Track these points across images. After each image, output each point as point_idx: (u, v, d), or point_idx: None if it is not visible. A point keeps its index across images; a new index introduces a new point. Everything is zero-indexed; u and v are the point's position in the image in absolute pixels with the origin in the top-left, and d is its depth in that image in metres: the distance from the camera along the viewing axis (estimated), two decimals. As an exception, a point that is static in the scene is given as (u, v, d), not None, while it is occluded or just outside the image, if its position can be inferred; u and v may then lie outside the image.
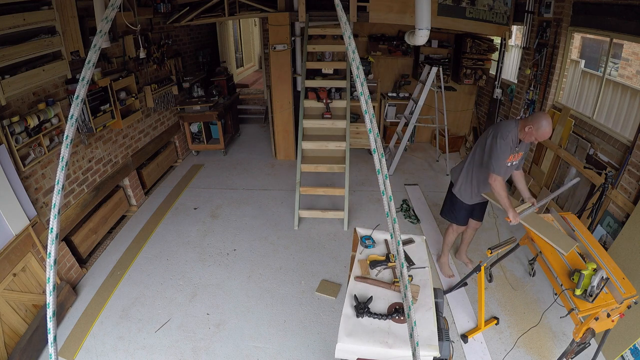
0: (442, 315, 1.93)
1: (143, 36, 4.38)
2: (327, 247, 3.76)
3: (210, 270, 3.45)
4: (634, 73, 5.13)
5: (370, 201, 4.55)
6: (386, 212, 1.06)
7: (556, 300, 2.21)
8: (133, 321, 2.92)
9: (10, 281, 2.59)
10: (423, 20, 3.73)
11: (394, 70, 5.91)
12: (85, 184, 3.57)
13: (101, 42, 1.08)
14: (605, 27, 3.30)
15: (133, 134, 4.44)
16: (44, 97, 2.99)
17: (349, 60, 1.15)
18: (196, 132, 5.82)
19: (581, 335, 2.03)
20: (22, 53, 2.60)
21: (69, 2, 3.04)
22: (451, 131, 6.13)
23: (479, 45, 5.20)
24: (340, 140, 4.21)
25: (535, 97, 4.29)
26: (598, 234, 3.11)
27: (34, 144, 2.84)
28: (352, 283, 1.99)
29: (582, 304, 1.96)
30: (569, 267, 2.17)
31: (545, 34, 4.05)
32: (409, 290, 1.02)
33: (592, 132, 3.49)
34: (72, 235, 3.39)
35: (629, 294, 1.98)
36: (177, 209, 4.44)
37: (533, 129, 2.42)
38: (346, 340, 1.68)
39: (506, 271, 3.43)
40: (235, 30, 9.46)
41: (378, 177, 1.07)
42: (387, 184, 1.05)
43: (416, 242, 2.30)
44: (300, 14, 4.68)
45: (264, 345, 2.73)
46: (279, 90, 5.20)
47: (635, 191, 2.84)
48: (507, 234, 3.96)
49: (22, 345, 2.52)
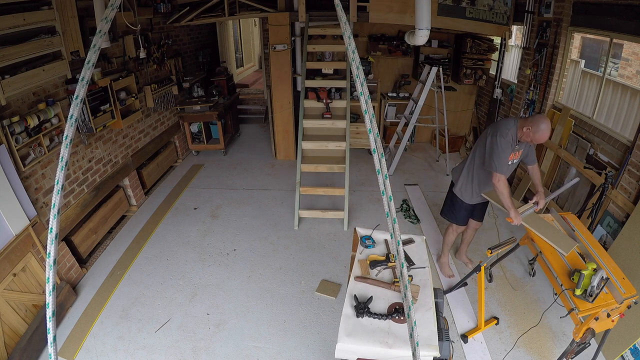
0: (442, 315, 1.93)
1: (143, 36, 4.38)
2: (327, 247, 3.76)
3: (210, 270, 3.45)
4: (634, 73, 5.13)
5: (370, 201, 4.55)
6: (386, 212, 1.06)
7: (556, 300, 2.21)
8: (133, 321, 2.92)
9: (10, 281, 2.59)
10: (423, 20, 3.73)
11: (394, 70, 5.91)
12: (85, 184, 3.57)
13: (101, 42, 1.08)
14: (605, 27, 3.30)
15: (133, 134, 4.44)
16: (44, 97, 2.99)
17: (349, 60, 1.14)
18: (196, 132, 5.82)
19: (581, 335, 2.03)
20: (22, 53, 2.60)
21: (69, 2, 3.04)
22: (451, 131, 6.13)
23: (479, 45, 5.19)
24: (340, 140, 4.21)
25: (535, 97, 4.29)
26: (598, 234, 3.11)
27: (34, 144, 2.84)
28: (352, 283, 1.99)
29: (582, 304, 1.96)
30: (569, 267, 2.17)
31: (545, 34, 4.05)
32: (409, 290, 1.02)
33: (592, 132, 3.49)
34: (72, 235, 3.39)
35: (629, 294, 1.98)
36: (177, 209, 4.44)
37: (531, 131, 2.42)
38: (346, 340, 1.68)
39: (506, 271, 3.43)
40: (235, 30, 9.46)
41: (378, 177, 1.07)
42: (387, 184, 1.05)
43: (416, 242, 2.29)
44: (300, 14, 4.68)
45: (264, 345, 2.73)
46: (279, 90, 5.20)
47: (635, 191, 2.84)
48: (507, 233, 3.96)
49: (22, 345, 2.52)
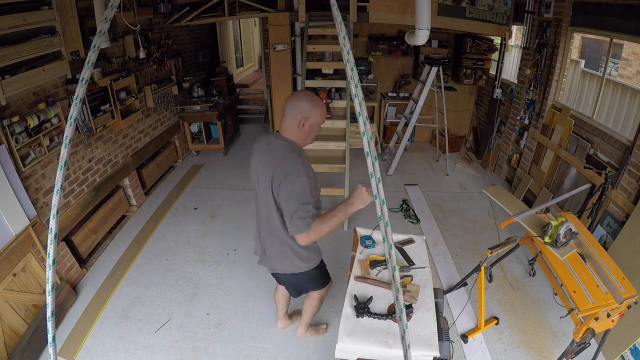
0: (442, 315, 1.93)
1: (143, 36, 4.38)
2: (327, 247, 3.75)
3: (210, 270, 3.45)
4: (634, 73, 5.13)
5: (370, 201, 4.54)
6: (379, 215, 1.04)
7: (556, 300, 2.22)
8: (133, 321, 2.92)
9: (10, 281, 2.59)
10: (423, 20, 3.73)
11: (394, 70, 5.91)
12: (85, 184, 3.57)
13: (100, 42, 1.07)
14: (605, 27, 3.30)
15: (133, 134, 4.44)
16: (44, 97, 2.99)
17: (345, 61, 1.12)
18: (196, 132, 5.82)
19: (581, 335, 2.03)
20: (22, 53, 2.60)
21: (69, 2, 3.03)
22: (451, 131, 6.13)
23: (479, 45, 5.20)
24: (340, 140, 4.21)
25: (535, 97, 4.29)
26: (598, 234, 3.11)
27: (34, 144, 2.84)
28: (352, 283, 1.99)
29: (582, 304, 1.96)
30: (568, 266, 2.17)
31: (545, 34, 4.05)
32: (400, 293, 1.01)
33: (592, 132, 3.49)
34: (72, 235, 3.39)
35: (628, 294, 1.99)
36: (177, 209, 4.44)
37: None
38: (346, 340, 1.68)
39: (506, 271, 3.42)
40: (235, 30, 9.46)
41: (371, 180, 1.05)
42: (380, 188, 1.03)
43: (416, 242, 2.30)
44: (300, 14, 4.68)
45: (264, 345, 2.73)
46: (279, 90, 5.20)
47: (635, 191, 2.84)
48: (507, 234, 3.96)
49: (22, 345, 2.52)
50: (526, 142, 4.51)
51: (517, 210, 2.53)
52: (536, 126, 4.32)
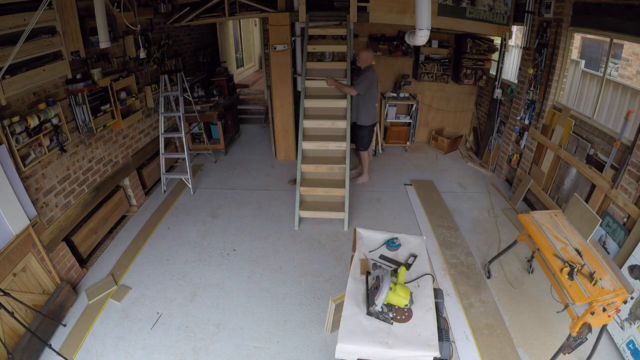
0: (442, 316, 1.93)
1: (143, 36, 4.39)
2: (327, 247, 3.76)
3: (210, 270, 3.45)
4: (634, 73, 5.13)
5: (370, 201, 4.55)
6: None
7: (554, 297, 2.22)
8: (133, 321, 2.92)
9: (10, 281, 2.59)
10: (423, 21, 3.72)
11: (394, 70, 5.91)
12: (85, 184, 3.57)
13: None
14: (605, 27, 3.30)
15: (133, 134, 4.44)
16: (45, 97, 2.99)
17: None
18: (196, 132, 5.82)
19: (577, 329, 2.04)
20: (23, 53, 2.59)
21: (69, 2, 3.04)
22: (451, 131, 6.14)
23: (479, 45, 5.20)
24: (340, 140, 4.21)
25: (535, 97, 4.29)
26: (598, 234, 3.11)
27: (34, 144, 2.85)
28: (352, 283, 1.99)
29: (578, 297, 1.96)
30: (565, 260, 2.18)
31: (546, 34, 4.05)
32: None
33: (592, 132, 3.49)
34: (73, 235, 3.39)
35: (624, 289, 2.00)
36: (177, 209, 4.44)
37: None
38: (346, 340, 1.68)
39: (505, 269, 3.43)
40: (236, 30, 9.45)
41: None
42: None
43: (416, 242, 2.30)
44: (301, 14, 4.68)
45: (264, 345, 2.73)
46: (279, 90, 5.20)
47: (635, 191, 2.84)
48: (507, 233, 3.96)
49: (22, 345, 2.52)
50: (526, 142, 4.51)
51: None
52: (536, 126, 4.32)
